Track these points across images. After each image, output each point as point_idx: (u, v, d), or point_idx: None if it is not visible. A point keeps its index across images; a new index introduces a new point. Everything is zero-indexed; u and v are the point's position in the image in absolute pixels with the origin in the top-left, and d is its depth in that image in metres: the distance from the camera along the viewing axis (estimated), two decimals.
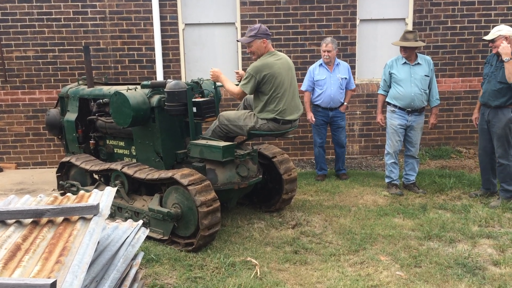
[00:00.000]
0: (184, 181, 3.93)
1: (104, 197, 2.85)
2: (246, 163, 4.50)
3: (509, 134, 5.01)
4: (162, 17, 6.92)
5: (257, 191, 5.03)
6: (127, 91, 4.42)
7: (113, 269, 2.69)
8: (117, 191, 4.47)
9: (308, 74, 6.09)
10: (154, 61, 6.99)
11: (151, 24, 6.90)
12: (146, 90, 4.55)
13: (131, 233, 3.01)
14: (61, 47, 6.96)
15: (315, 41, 7.02)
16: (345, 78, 6.06)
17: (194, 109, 4.37)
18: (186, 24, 7.12)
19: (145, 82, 4.65)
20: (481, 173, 5.44)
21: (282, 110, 4.39)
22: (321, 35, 7.01)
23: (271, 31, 6.92)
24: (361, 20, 7.16)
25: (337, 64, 6.06)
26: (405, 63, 5.45)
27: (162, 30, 6.94)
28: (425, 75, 5.43)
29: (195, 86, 4.64)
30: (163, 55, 6.99)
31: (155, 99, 4.47)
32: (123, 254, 2.81)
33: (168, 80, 4.49)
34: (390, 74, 5.52)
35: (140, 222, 3.22)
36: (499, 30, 4.91)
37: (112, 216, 4.58)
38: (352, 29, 7.05)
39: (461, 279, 3.54)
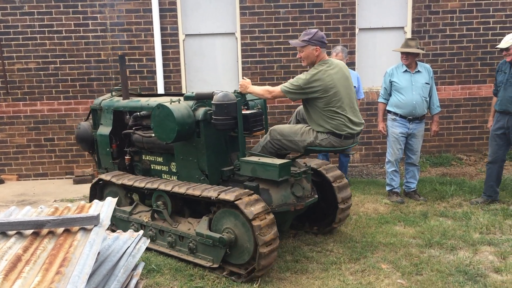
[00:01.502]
0: (249, 213, 3.48)
1: (104, 207, 2.87)
2: (301, 181, 4.11)
3: None
4: (162, 28, 6.98)
5: (309, 211, 4.50)
6: (170, 103, 4.09)
7: (114, 280, 2.69)
8: (159, 212, 4.21)
9: None
10: (155, 72, 7.04)
11: (152, 35, 6.96)
12: (190, 102, 4.23)
13: (132, 244, 3.02)
14: (62, 59, 7.01)
15: None
16: (354, 87, 6.05)
17: None
18: (186, 35, 7.17)
19: (188, 94, 4.35)
20: (486, 179, 5.44)
21: (342, 124, 3.97)
22: None
23: (270, 40, 7.01)
24: (360, 29, 7.20)
25: None
26: (405, 71, 5.45)
27: (162, 41, 6.99)
28: (426, 83, 5.45)
29: (240, 98, 4.27)
30: (164, 65, 7.04)
31: (200, 112, 4.15)
32: (124, 265, 2.82)
33: (215, 91, 4.16)
34: (391, 82, 5.53)
35: (141, 232, 3.23)
36: None
37: (152, 240, 4.29)
38: (351, 38, 7.09)
39: (462, 287, 3.53)
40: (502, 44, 5.03)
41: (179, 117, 3.99)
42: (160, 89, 7.00)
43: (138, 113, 4.67)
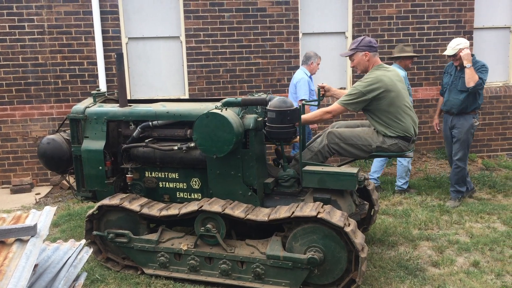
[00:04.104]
0: (338, 221, 3.29)
1: (42, 217, 2.76)
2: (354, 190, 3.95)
3: (471, 139, 5.38)
4: (104, 31, 6.79)
5: None
6: (221, 111, 3.65)
7: None
8: (208, 237, 3.67)
9: (307, 85, 6.07)
10: (97, 76, 6.84)
11: (93, 38, 6.75)
12: (236, 109, 3.88)
13: (73, 254, 2.93)
14: None
15: (260, 54, 7.13)
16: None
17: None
18: (129, 38, 7.03)
19: (230, 99, 3.90)
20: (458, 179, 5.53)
21: (410, 126, 3.87)
22: (266, 48, 7.13)
23: (216, 44, 7.00)
24: (304, 34, 7.35)
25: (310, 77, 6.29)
26: None
27: (104, 44, 6.80)
28: None
29: (322, 96, 4.08)
30: (106, 69, 6.85)
31: (250, 120, 3.79)
32: (64, 276, 2.72)
33: (268, 95, 3.85)
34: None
35: (83, 241, 3.13)
36: (458, 44, 5.24)
37: (195, 270, 3.72)
38: (295, 42, 7.22)
39: (403, 281, 3.69)
40: (449, 52, 5.31)
41: (235, 126, 3.59)
42: None
43: (150, 123, 4.08)
